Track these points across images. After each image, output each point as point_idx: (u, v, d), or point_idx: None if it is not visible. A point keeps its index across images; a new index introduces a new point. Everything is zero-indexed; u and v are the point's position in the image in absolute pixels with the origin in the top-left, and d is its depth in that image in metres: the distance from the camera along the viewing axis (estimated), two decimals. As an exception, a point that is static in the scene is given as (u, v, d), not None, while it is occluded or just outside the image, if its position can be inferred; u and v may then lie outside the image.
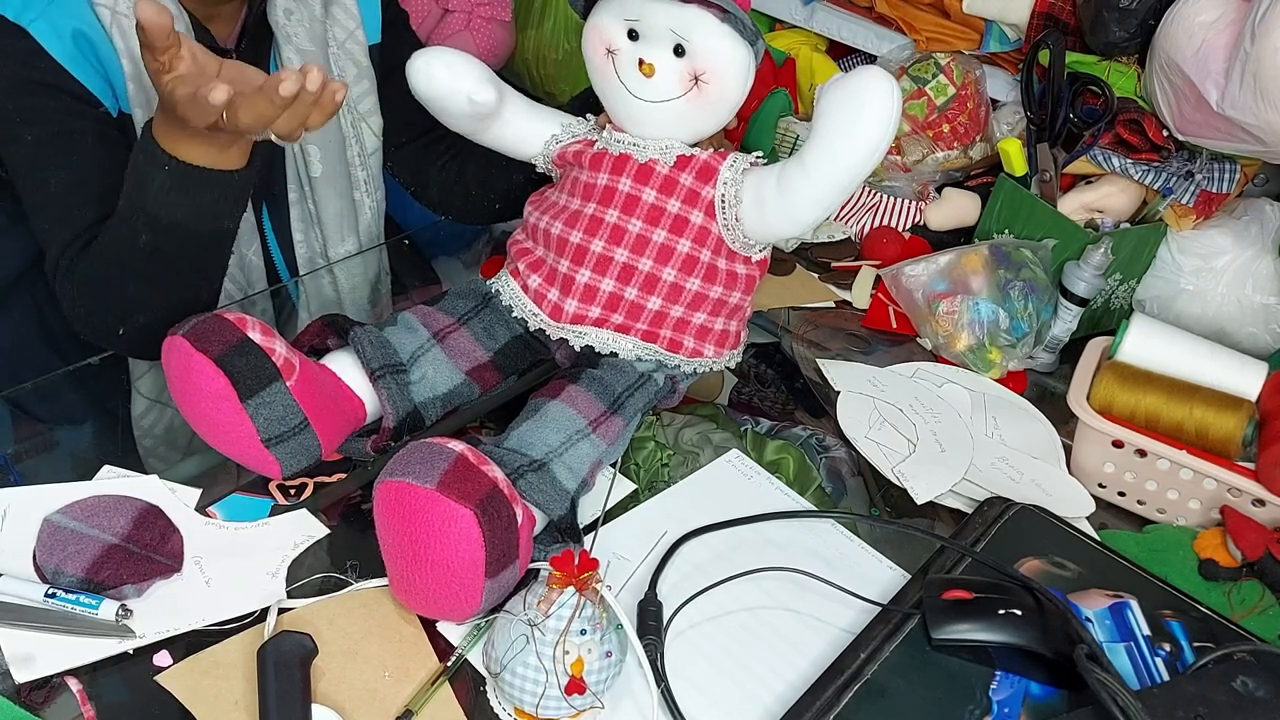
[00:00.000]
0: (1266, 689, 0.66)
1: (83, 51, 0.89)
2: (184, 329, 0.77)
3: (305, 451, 0.79)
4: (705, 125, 0.87)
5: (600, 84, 0.88)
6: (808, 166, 0.80)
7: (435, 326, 0.89)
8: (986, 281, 1.07)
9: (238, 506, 0.83)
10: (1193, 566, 0.85)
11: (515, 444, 0.78)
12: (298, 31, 1.01)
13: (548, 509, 0.76)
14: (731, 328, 0.93)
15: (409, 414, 0.84)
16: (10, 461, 0.88)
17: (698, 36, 0.81)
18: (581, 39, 0.88)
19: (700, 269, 0.87)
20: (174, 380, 0.79)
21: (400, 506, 0.68)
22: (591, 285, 0.87)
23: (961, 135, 1.33)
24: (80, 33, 0.88)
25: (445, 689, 0.70)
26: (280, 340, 0.79)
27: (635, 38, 0.84)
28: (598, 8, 0.86)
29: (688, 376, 0.93)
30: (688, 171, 0.86)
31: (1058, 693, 0.70)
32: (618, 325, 0.88)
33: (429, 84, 0.89)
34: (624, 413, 0.85)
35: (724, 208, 0.86)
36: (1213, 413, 0.90)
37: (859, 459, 0.95)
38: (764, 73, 1.31)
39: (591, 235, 0.87)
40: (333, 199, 1.08)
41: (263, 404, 0.76)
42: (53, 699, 0.67)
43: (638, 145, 0.87)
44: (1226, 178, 1.13)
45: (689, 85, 0.83)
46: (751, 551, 0.82)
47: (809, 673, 0.73)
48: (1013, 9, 1.28)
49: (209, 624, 0.72)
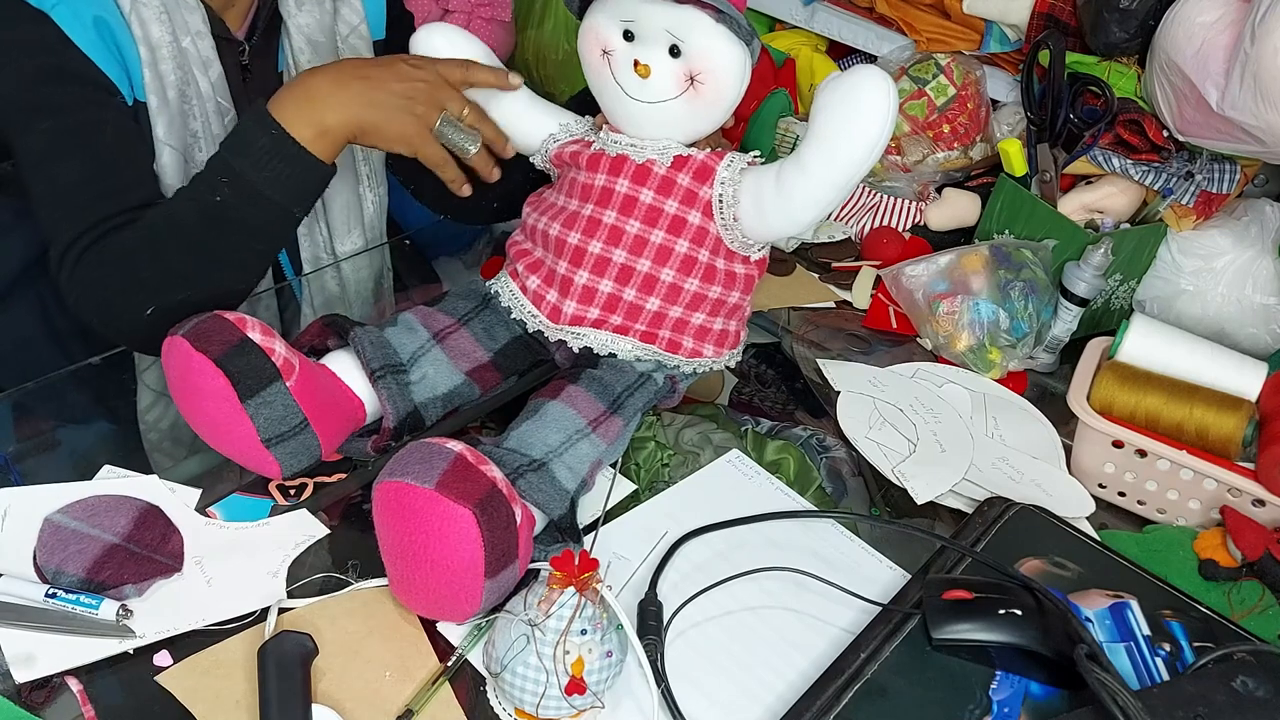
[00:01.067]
0: (1266, 689, 0.66)
1: (103, 38, 0.89)
2: (184, 329, 0.77)
3: (305, 452, 0.79)
4: (702, 125, 0.87)
5: (596, 85, 0.88)
6: (805, 166, 0.80)
7: (435, 327, 0.89)
8: (987, 282, 1.07)
9: (238, 507, 0.83)
10: (1193, 566, 0.85)
11: (515, 444, 0.78)
12: (308, 23, 1.02)
13: (547, 509, 0.76)
14: (731, 327, 0.93)
15: (409, 414, 0.84)
16: (10, 461, 0.88)
17: (693, 37, 0.81)
18: (578, 41, 0.88)
19: (699, 269, 0.87)
20: (174, 380, 0.79)
21: (399, 507, 0.68)
22: (590, 286, 0.87)
23: (962, 136, 1.33)
24: (101, 19, 0.88)
25: (446, 689, 0.70)
26: (280, 340, 0.79)
27: (630, 38, 0.84)
28: (593, 8, 0.86)
29: (687, 376, 0.93)
30: (685, 172, 0.86)
31: (1058, 693, 0.70)
32: (616, 326, 0.88)
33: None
34: (623, 413, 0.85)
35: (722, 207, 0.86)
36: (1213, 413, 0.90)
37: (859, 459, 0.95)
38: (764, 73, 1.31)
39: (589, 236, 0.87)
40: (339, 191, 1.09)
41: (263, 404, 0.76)
42: (53, 699, 0.67)
43: (635, 146, 0.87)
44: (1226, 178, 1.13)
45: (685, 86, 0.83)
46: (752, 551, 0.82)
47: (809, 673, 0.73)
48: (1013, 9, 1.28)
49: (209, 624, 0.72)
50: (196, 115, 0.96)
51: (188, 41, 0.94)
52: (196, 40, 0.94)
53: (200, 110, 0.96)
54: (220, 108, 0.98)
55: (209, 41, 0.95)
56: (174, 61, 0.93)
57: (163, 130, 0.93)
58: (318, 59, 1.03)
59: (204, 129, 0.97)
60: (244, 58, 1.01)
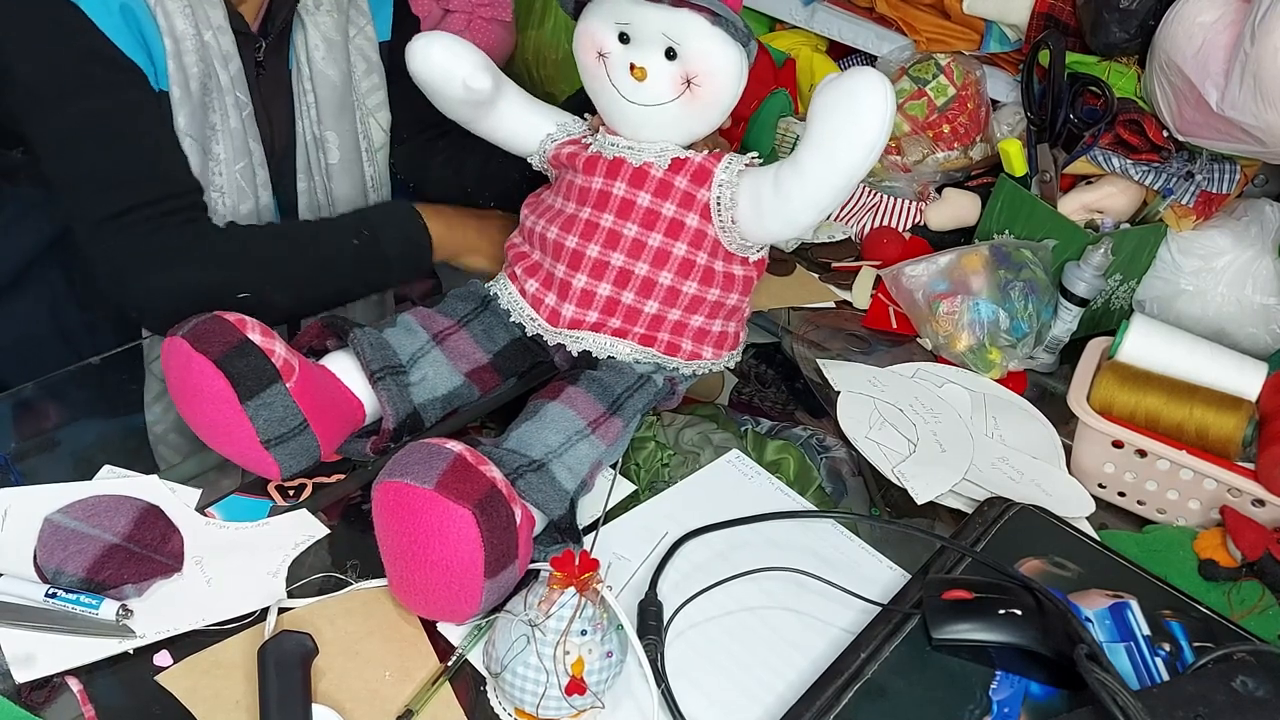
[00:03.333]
0: (1266, 689, 0.66)
1: (129, 26, 0.89)
2: (183, 330, 0.77)
3: (304, 453, 0.79)
4: (699, 127, 0.87)
5: (592, 87, 0.88)
6: (803, 169, 0.80)
7: (435, 328, 0.89)
8: (987, 282, 1.07)
9: (236, 507, 0.83)
10: (1193, 566, 0.85)
11: (514, 444, 0.78)
12: (325, 21, 1.02)
13: (547, 509, 0.76)
14: (730, 329, 0.92)
15: (408, 416, 0.84)
16: (11, 461, 0.88)
17: (689, 40, 0.81)
18: (573, 44, 0.88)
19: (697, 272, 0.87)
20: (173, 381, 0.79)
21: (399, 507, 0.68)
22: (588, 290, 0.87)
23: (962, 136, 1.33)
24: (127, 7, 0.88)
25: (446, 689, 0.70)
26: (280, 341, 0.79)
27: (626, 41, 0.83)
28: (587, 11, 0.85)
29: (686, 379, 0.93)
30: (683, 174, 0.86)
31: (1058, 693, 0.70)
32: (615, 329, 0.88)
33: (425, 65, 0.89)
34: (623, 414, 0.85)
35: (720, 210, 0.86)
36: (1213, 413, 0.90)
37: (859, 459, 0.95)
38: (764, 73, 1.31)
39: (587, 240, 0.87)
40: (347, 187, 1.09)
41: (262, 405, 0.76)
42: (53, 699, 0.67)
43: (632, 148, 0.87)
44: (1226, 178, 1.13)
45: (681, 88, 0.83)
46: (752, 551, 0.82)
47: (809, 673, 0.73)
48: (1013, 9, 1.28)
49: (209, 624, 0.72)
50: (215, 108, 0.96)
51: (209, 35, 0.94)
52: (218, 34, 0.95)
53: (219, 104, 0.96)
54: (239, 102, 0.98)
55: (229, 36, 0.96)
56: (197, 54, 0.93)
57: (184, 121, 0.93)
58: (331, 58, 1.03)
59: (222, 122, 0.97)
60: (259, 53, 1.01)
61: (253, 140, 1.00)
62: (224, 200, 0.98)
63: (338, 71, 1.04)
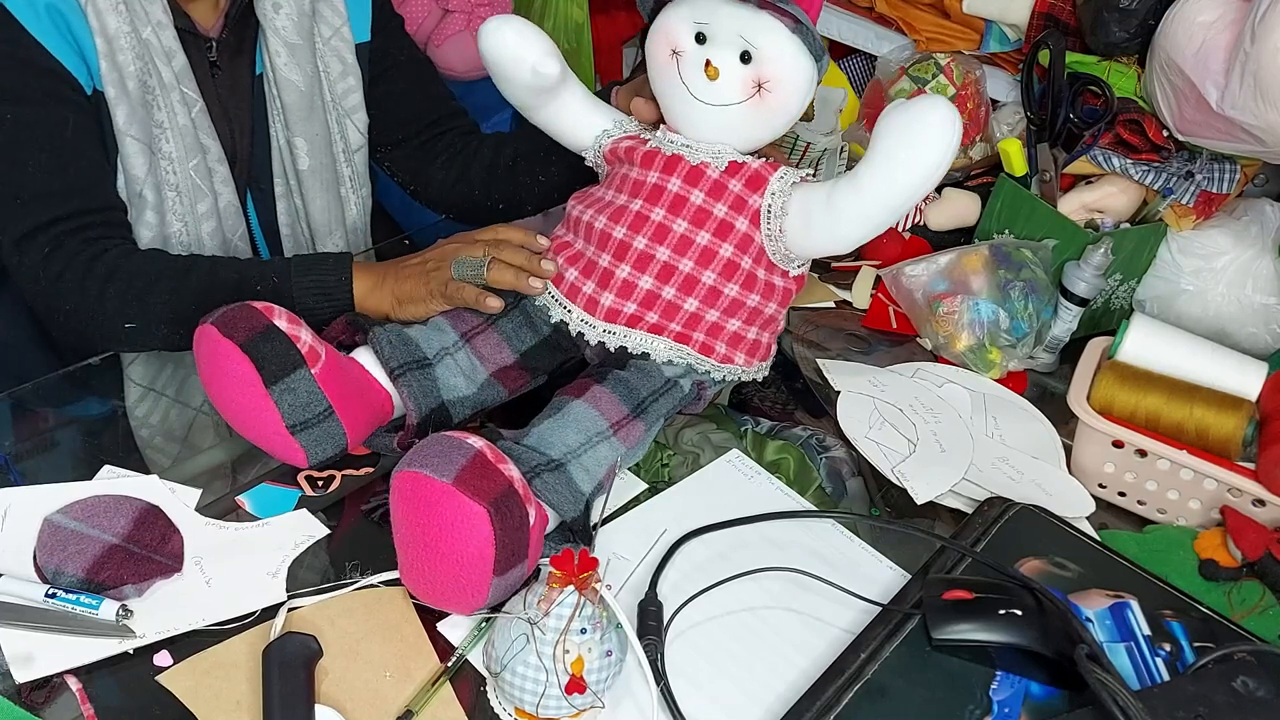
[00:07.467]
0: (1266, 689, 0.66)
1: (57, 27, 0.88)
2: (213, 317, 0.78)
3: (330, 440, 0.80)
4: (761, 133, 0.87)
5: (661, 85, 0.88)
6: (861, 185, 0.81)
7: (464, 327, 0.89)
8: (987, 281, 1.07)
9: (266, 496, 0.83)
10: (1193, 566, 0.85)
11: (534, 441, 0.78)
12: (285, 25, 1.01)
13: (561, 510, 0.76)
14: (763, 339, 0.92)
15: (433, 410, 0.84)
16: (10, 461, 0.88)
17: (766, 44, 0.81)
18: (647, 40, 0.87)
19: (740, 275, 0.87)
20: (203, 367, 0.80)
21: (416, 497, 0.69)
22: (630, 281, 0.86)
23: (961, 136, 1.33)
24: (53, 7, 0.87)
25: (446, 689, 0.70)
26: (306, 329, 0.80)
27: (702, 41, 0.84)
28: (668, 9, 0.85)
29: (715, 384, 0.92)
30: (738, 178, 0.86)
31: (1058, 693, 0.70)
32: (652, 325, 0.87)
33: (497, 47, 0.88)
34: (646, 417, 0.84)
35: (769, 218, 0.86)
36: (1213, 413, 0.90)
37: (859, 459, 0.95)
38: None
39: (635, 231, 0.86)
40: (319, 193, 1.08)
41: (287, 389, 0.77)
42: (53, 699, 0.67)
43: (691, 147, 0.87)
44: (1226, 178, 1.13)
45: (751, 91, 0.83)
46: (752, 551, 0.82)
47: (809, 673, 0.73)
48: (1013, 9, 1.28)
49: (209, 624, 0.72)
50: (160, 106, 0.95)
51: (148, 32, 0.93)
52: (158, 30, 0.94)
53: (165, 101, 0.95)
54: (186, 98, 0.97)
55: (171, 32, 0.95)
56: (133, 52, 0.92)
57: (123, 120, 0.93)
58: (295, 63, 1.02)
59: (169, 119, 0.96)
60: (211, 54, 1.00)
61: (207, 137, 0.99)
62: (180, 199, 0.98)
63: (303, 76, 1.03)
